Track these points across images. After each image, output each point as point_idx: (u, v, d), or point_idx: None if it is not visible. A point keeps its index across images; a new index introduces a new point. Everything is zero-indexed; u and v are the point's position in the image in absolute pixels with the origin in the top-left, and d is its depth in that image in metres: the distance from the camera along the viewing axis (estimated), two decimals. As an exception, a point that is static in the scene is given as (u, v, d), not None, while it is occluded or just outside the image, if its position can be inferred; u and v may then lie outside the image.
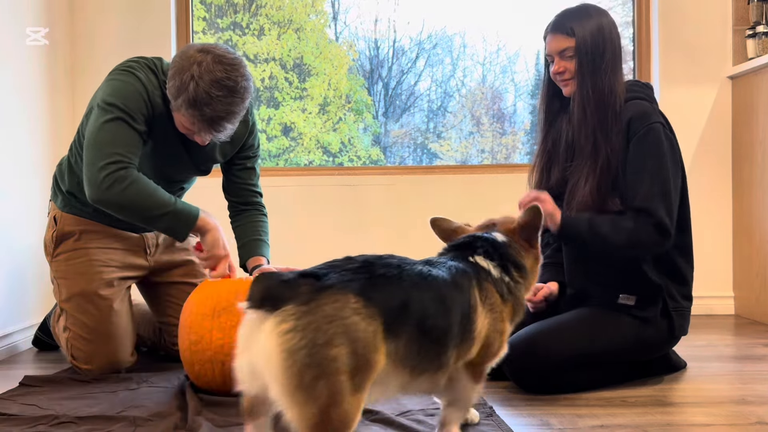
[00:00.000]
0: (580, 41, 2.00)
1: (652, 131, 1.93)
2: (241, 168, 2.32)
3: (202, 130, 1.96)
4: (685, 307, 2.04)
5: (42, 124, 2.90)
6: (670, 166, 1.92)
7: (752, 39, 3.16)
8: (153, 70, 2.06)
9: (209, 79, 1.88)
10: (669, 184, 1.91)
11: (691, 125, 3.32)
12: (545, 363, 1.90)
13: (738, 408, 1.77)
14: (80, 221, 2.22)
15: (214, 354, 1.82)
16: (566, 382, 1.93)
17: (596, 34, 2.00)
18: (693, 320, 3.11)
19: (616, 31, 2.04)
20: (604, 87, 1.98)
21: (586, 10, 2.05)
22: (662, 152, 1.92)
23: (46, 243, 2.27)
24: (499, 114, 3.85)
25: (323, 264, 1.22)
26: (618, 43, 2.03)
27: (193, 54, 1.92)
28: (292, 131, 3.68)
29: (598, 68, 1.99)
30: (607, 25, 2.02)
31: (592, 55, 1.99)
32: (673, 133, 2.01)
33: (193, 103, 1.90)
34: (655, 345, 2.03)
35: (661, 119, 1.97)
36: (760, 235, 3.05)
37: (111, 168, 1.90)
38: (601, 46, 2.00)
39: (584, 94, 2.00)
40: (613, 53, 2.01)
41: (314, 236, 3.23)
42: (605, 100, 1.98)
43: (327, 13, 3.80)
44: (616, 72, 2.00)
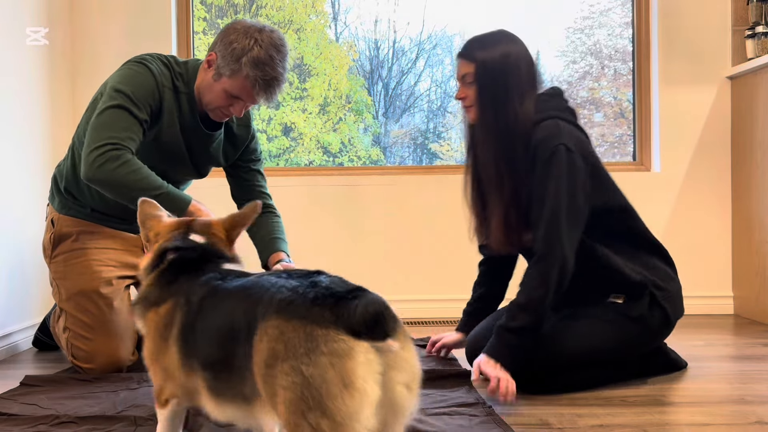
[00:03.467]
0: (480, 67, 1.94)
1: (554, 155, 1.86)
2: (246, 170, 2.34)
3: (260, 92, 2.03)
4: (673, 291, 2.03)
5: (42, 124, 2.90)
6: (568, 189, 1.85)
7: (752, 39, 3.17)
8: (166, 64, 2.11)
9: (269, 43, 2.02)
10: (562, 213, 1.84)
11: (691, 125, 3.32)
12: (543, 366, 1.89)
13: (737, 408, 1.77)
14: (78, 222, 2.22)
15: None
16: (566, 383, 1.92)
17: (499, 61, 1.94)
18: (693, 320, 3.13)
19: (527, 59, 1.97)
20: (507, 115, 1.92)
21: (494, 36, 2.00)
22: (561, 175, 1.85)
23: (45, 245, 2.28)
24: (498, 114, 3.86)
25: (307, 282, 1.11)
26: (527, 70, 1.96)
27: (249, 25, 2.05)
28: (292, 131, 3.68)
29: (498, 96, 1.93)
30: (514, 52, 1.96)
31: (493, 83, 1.93)
32: (585, 149, 1.94)
33: (257, 63, 1.99)
34: (653, 335, 2.03)
35: (565, 140, 1.88)
36: (760, 235, 3.05)
37: (106, 148, 1.92)
38: (504, 73, 1.93)
39: (485, 122, 1.95)
40: (518, 81, 1.94)
41: (314, 236, 3.23)
42: (509, 129, 1.92)
43: (327, 13, 3.81)
44: (523, 98, 1.93)
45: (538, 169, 1.88)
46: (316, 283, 1.06)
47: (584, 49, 3.70)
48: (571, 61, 3.70)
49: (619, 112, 3.68)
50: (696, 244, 3.31)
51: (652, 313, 1.98)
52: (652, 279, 1.99)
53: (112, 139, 1.93)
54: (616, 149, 3.66)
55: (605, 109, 3.71)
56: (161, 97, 2.06)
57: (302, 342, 0.96)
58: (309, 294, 1.02)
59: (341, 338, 0.96)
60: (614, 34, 3.66)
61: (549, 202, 1.85)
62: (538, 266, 1.84)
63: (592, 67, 3.72)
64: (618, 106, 3.69)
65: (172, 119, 2.09)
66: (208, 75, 2.07)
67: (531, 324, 1.81)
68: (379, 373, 0.98)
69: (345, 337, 0.96)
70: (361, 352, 0.96)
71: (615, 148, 3.67)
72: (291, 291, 1.04)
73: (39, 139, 2.86)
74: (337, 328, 0.96)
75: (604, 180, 2.00)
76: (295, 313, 1.00)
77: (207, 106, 2.11)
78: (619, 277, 1.97)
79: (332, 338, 0.96)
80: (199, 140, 2.17)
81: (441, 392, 1.87)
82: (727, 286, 3.31)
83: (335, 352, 0.94)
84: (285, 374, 0.96)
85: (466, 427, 1.58)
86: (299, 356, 0.96)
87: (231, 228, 1.42)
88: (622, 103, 3.68)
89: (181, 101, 2.11)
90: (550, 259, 1.83)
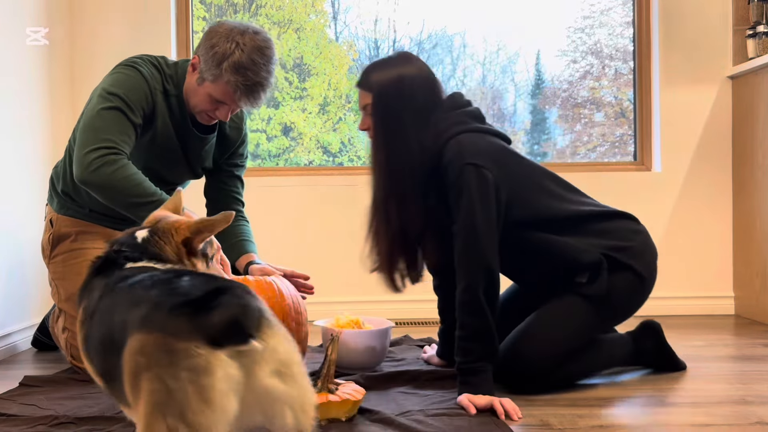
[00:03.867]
0: (376, 97, 1.90)
1: (461, 176, 1.81)
2: (229, 174, 2.32)
3: (242, 97, 2.00)
4: (638, 244, 1.95)
5: (42, 124, 2.90)
6: (481, 205, 1.80)
7: (752, 39, 3.16)
8: (156, 67, 2.08)
9: (252, 46, 1.98)
10: (479, 231, 1.79)
11: (692, 125, 3.32)
12: (532, 368, 1.87)
13: (738, 408, 1.76)
14: (76, 222, 2.22)
15: None
16: (561, 378, 1.92)
17: (393, 88, 1.89)
18: (693, 320, 3.13)
19: (424, 80, 1.92)
20: (402, 151, 1.88)
21: (389, 61, 1.95)
22: (472, 193, 1.80)
23: (44, 246, 2.27)
24: (499, 114, 3.85)
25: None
26: (425, 92, 1.91)
27: (231, 27, 2.01)
28: (292, 131, 3.68)
29: (394, 131, 1.88)
30: (408, 75, 1.90)
31: (387, 116, 1.89)
32: (494, 153, 1.88)
33: (237, 68, 1.96)
34: (628, 300, 1.97)
35: (468, 158, 1.82)
36: (760, 235, 3.04)
37: (102, 152, 1.90)
38: (399, 102, 1.88)
39: (378, 160, 1.90)
40: (413, 109, 1.88)
41: (314, 236, 3.23)
42: (404, 164, 1.87)
43: (327, 13, 3.80)
44: (421, 126, 1.88)
45: (450, 191, 1.84)
46: (174, 290, 1.06)
47: (585, 49, 3.70)
48: (572, 60, 3.70)
49: (620, 111, 3.68)
50: (696, 244, 3.30)
51: (618, 280, 1.90)
52: (608, 243, 1.91)
53: (108, 142, 1.91)
54: (617, 149, 3.66)
55: (606, 109, 3.70)
56: (153, 100, 2.04)
57: (163, 355, 0.97)
58: (167, 304, 1.02)
59: (200, 352, 0.96)
60: (615, 33, 3.65)
61: (463, 223, 1.80)
62: (466, 294, 1.78)
63: (592, 66, 3.71)
64: (619, 106, 3.69)
65: (165, 122, 2.08)
66: (193, 78, 2.06)
67: (486, 349, 1.78)
68: (239, 383, 0.98)
69: (204, 350, 0.96)
70: (220, 366, 0.96)
71: (615, 148, 3.66)
72: (151, 302, 1.05)
73: (39, 139, 2.86)
74: (197, 340, 0.97)
75: (524, 176, 1.93)
76: (155, 327, 1.00)
77: (193, 109, 2.10)
78: (571, 255, 1.91)
79: (191, 353, 0.96)
80: (193, 142, 2.17)
81: (441, 392, 1.87)
82: (727, 286, 3.30)
83: (194, 368, 0.95)
84: (149, 381, 0.98)
85: (466, 428, 1.58)
86: (162, 367, 0.97)
87: (196, 233, 1.38)
88: (622, 103, 3.68)
89: (172, 104, 2.10)
90: (475, 278, 1.78)
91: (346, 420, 1.62)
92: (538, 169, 2.00)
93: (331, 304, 2.84)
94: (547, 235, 1.92)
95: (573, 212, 1.95)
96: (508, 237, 1.87)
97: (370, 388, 1.86)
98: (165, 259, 1.33)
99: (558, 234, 1.92)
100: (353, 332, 2.06)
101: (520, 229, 1.91)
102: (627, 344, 2.10)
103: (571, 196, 1.99)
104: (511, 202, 1.88)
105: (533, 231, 1.92)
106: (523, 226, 1.91)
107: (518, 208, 1.89)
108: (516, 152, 2.00)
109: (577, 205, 1.98)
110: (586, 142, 3.73)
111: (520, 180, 1.92)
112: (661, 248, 3.28)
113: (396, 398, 1.83)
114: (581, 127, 3.74)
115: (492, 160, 1.86)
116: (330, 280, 2.93)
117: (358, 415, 1.65)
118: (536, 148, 3.78)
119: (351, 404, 1.62)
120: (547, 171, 2.02)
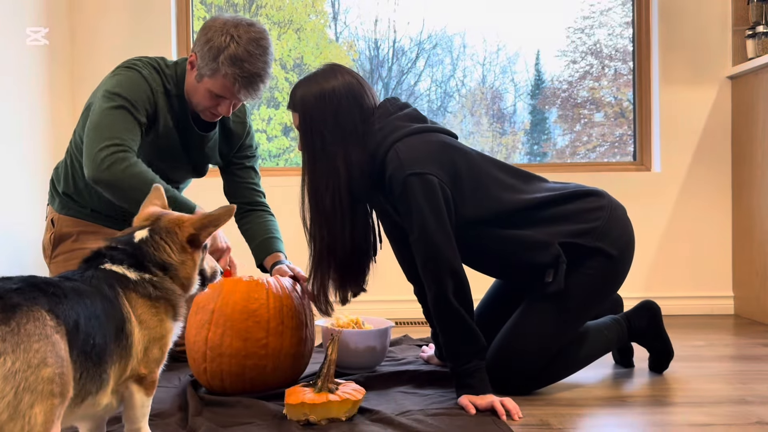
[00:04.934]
0: (300, 115, 1.85)
1: (405, 188, 1.76)
2: (240, 167, 2.33)
3: (241, 89, 2.01)
4: (602, 221, 1.87)
5: (42, 124, 2.90)
6: (431, 212, 1.75)
7: (752, 39, 3.17)
8: (156, 68, 2.09)
9: (247, 38, 1.99)
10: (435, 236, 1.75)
11: (691, 125, 3.32)
12: (518, 375, 1.87)
13: (738, 408, 1.77)
14: (78, 222, 2.22)
15: (190, 350, 1.85)
16: (556, 371, 1.92)
17: (313, 104, 1.83)
18: (693, 320, 3.14)
19: (350, 92, 1.84)
20: (333, 162, 1.82)
21: (311, 77, 1.88)
22: (420, 203, 1.75)
23: (45, 245, 2.27)
24: (498, 114, 3.86)
25: None
26: (351, 105, 1.83)
27: (225, 21, 2.02)
28: (292, 131, 3.68)
29: (317, 143, 1.83)
30: (329, 89, 1.83)
31: (310, 130, 1.83)
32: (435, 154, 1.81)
33: (234, 60, 1.97)
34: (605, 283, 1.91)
35: (408, 168, 1.76)
36: (760, 235, 3.05)
37: (112, 149, 1.90)
38: (320, 115, 1.82)
39: (309, 175, 1.86)
40: (337, 121, 1.81)
41: (314, 236, 3.23)
42: (331, 179, 1.82)
43: (327, 13, 3.81)
44: (354, 137, 1.82)
45: (399, 204, 1.81)
46: None
47: (585, 49, 3.70)
48: (572, 60, 3.70)
49: (620, 111, 3.68)
50: (696, 244, 3.30)
51: (588, 266, 1.85)
52: (569, 228, 1.84)
53: (117, 140, 1.92)
54: (617, 149, 3.66)
55: (605, 109, 3.71)
56: (155, 101, 2.05)
57: None
58: None
59: None
60: (615, 33, 3.66)
61: (418, 235, 1.76)
62: (437, 301, 1.76)
63: (592, 66, 3.72)
64: (618, 106, 3.69)
65: (167, 122, 2.09)
66: (192, 76, 2.07)
67: (473, 348, 1.76)
68: None
69: None
70: None
71: (615, 148, 3.67)
72: None
73: (39, 139, 2.86)
74: None
75: (471, 170, 1.85)
76: None
77: (196, 107, 2.11)
78: (528, 255, 1.85)
79: None
80: (195, 141, 2.17)
81: (441, 392, 1.87)
82: (727, 286, 3.31)
83: None
84: None
85: (466, 428, 1.58)
86: None
87: (201, 228, 1.38)
88: (622, 103, 3.68)
89: (173, 104, 2.11)
90: (442, 284, 1.75)
91: (346, 420, 1.62)
92: (486, 159, 1.91)
93: (331, 304, 2.84)
94: (503, 231, 1.85)
95: (527, 202, 1.86)
96: (464, 236, 1.82)
97: (370, 388, 1.87)
98: (158, 261, 1.34)
99: (516, 227, 1.85)
100: (353, 332, 2.07)
101: (477, 227, 1.85)
102: (619, 324, 2.08)
103: (523, 185, 1.90)
104: (461, 200, 1.82)
105: (489, 228, 1.85)
106: (479, 223, 1.84)
107: (471, 206, 1.83)
108: (460, 146, 1.89)
109: (530, 193, 1.88)
110: (585, 142, 3.74)
111: (467, 175, 1.84)
112: (661, 248, 3.31)
113: (396, 398, 1.83)
114: (581, 127, 3.74)
115: (433, 162, 1.79)
116: (330, 280, 2.93)
117: (358, 414, 1.65)
118: (536, 148, 3.78)
119: (351, 404, 1.63)
120: (495, 160, 1.93)
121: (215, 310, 1.80)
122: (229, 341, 1.78)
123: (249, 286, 1.84)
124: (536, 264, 1.85)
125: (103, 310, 1.20)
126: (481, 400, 1.71)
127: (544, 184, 1.95)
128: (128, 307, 1.27)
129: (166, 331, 1.35)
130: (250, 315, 1.80)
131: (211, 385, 1.83)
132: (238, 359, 1.79)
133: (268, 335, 1.81)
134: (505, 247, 1.88)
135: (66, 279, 1.21)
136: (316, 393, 1.62)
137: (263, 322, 1.80)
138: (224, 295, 1.82)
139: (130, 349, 1.26)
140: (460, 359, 1.77)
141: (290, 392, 1.64)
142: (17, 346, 0.99)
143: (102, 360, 1.18)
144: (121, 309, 1.25)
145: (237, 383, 1.80)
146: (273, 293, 1.85)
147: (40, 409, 0.99)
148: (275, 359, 1.82)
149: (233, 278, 1.88)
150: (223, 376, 1.80)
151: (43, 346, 1.02)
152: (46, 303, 1.07)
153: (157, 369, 1.35)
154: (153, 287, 1.32)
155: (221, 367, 1.79)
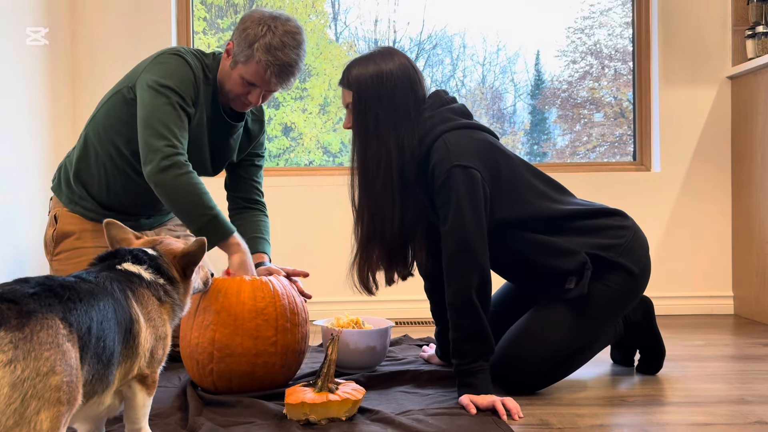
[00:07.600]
0: (356, 94, 1.85)
1: (449, 179, 1.78)
2: (250, 164, 2.38)
3: (272, 77, 2.05)
4: (627, 239, 1.91)
5: (42, 122, 2.90)
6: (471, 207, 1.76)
7: (752, 39, 3.17)
8: (197, 57, 2.15)
9: (283, 30, 2.05)
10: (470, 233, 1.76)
11: (691, 125, 3.32)
12: (523, 378, 1.88)
13: (737, 407, 1.77)
14: (81, 220, 2.22)
15: (191, 352, 1.85)
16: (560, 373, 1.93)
17: (370, 84, 1.83)
18: (693, 320, 3.14)
19: (404, 76, 1.85)
20: (385, 142, 1.83)
21: (368, 57, 1.89)
22: (460, 196, 1.76)
23: (47, 242, 2.27)
24: (499, 114, 3.86)
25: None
26: (405, 90, 1.85)
27: (263, 13, 2.09)
28: (292, 131, 3.68)
29: (371, 123, 1.83)
30: (387, 71, 1.84)
31: (365, 109, 1.84)
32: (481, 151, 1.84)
33: (268, 48, 2.02)
34: (622, 298, 1.93)
35: (455, 159, 1.78)
36: (760, 235, 3.05)
37: (169, 151, 1.94)
38: (376, 96, 1.83)
39: (361, 155, 1.86)
40: (392, 103, 1.83)
41: (314, 236, 3.23)
42: (383, 159, 1.83)
43: (327, 13, 3.81)
44: (402, 129, 1.83)
45: (438, 193, 1.81)
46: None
47: (584, 49, 3.70)
48: (571, 60, 3.70)
49: (619, 112, 3.68)
50: (696, 244, 3.31)
51: (609, 279, 1.88)
52: (595, 241, 1.88)
53: (174, 142, 1.96)
54: (616, 149, 3.66)
55: (605, 109, 3.71)
56: (198, 89, 2.10)
57: None
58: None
59: None
60: (614, 33, 3.66)
61: (453, 224, 1.76)
62: (458, 297, 1.76)
63: (592, 67, 3.72)
64: (618, 106, 3.69)
65: (202, 112, 2.13)
66: (227, 63, 2.13)
67: (482, 348, 1.77)
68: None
69: None
70: None
71: (615, 148, 3.67)
72: None
73: (39, 139, 2.86)
74: None
75: (511, 173, 1.88)
76: None
77: (228, 95, 2.15)
78: (555, 261, 1.87)
79: None
80: (222, 132, 2.21)
81: (441, 391, 1.87)
82: (727, 286, 3.31)
83: None
84: None
85: (466, 427, 1.58)
86: None
87: (185, 266, 1.47)
88: (622, 103, 3.68)
89: (209, 93, 2.16)
90: (468, 279, 1.75)
91: (346, 419, 1.62)
92: (524, 165, 1.94)
93: (331, 304, 2.84)
94: (531, 234, 1.89)
95: (558, 211, 1.91)
96: (494, 236, 1.84)
97: (370, 388, 1.87)
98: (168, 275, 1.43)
99: (545, 233, 1.89)
100: (353, 332, 2.07)
101: (506, 229, 1.88)
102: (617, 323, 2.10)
103: (555, 194, 1.95)
104: (496, 200, 1.85)
105: (520, 231, 1.89)
106: (509, 225, 1.88)
107: (505, 207, 1.86)
108: (503, 148, 1.93)
109: (563, 203, 1.93)
110: (585, 142, 3.74)
111: (506, 177, 1.87)
112: (661, 248, 3.31)
113: (396, 397, 1.83)
114: (581, 127, 3.74)
115: (479, 158, 1.82)
116: (330, 280, 2.93)
117: (358, 414, 1.66)
118: (536, 148, 3.79)
119: (351, 404, 1.63)
120: (532, 167, 1.96)
121: (220, 310, 1.80)
122: (239, 340, 1.79)
123: (254, 286, 1.85)
124: (559, 270, 1.88)
125: (114, 312, 1.23)
126: (482, 400, 1.71)
127: (573, 198, 1.99)
128: (137, 309, 1.31)
129: (168, 332, 1.41)
130: (258, 313, 1.81)
131: (217, 386, 1.83)
132: (248, 358, 1.79)
133: (277, 333, 1.82)
134: (529, 251, 1.90)
135: (82, 280, 1.23)
136: (316, 393, 1.63)
137: (271, 320, 1.82)
138: (229, 296, 1.82)
139: (137, 349, 1.29)
140: (466, 357, 1.77)
141: (290, 392, 1.64)
142: (28, 354, 1.01)
143: (110, 362, 1.21)
144: (129, 311, 1.28)
145: (245, 382, 1.81)
146: (278, 292, 1.86)
147: (46, 416, 1.01)
148: (284, 356, 1.84)
149: (235, 278, 1.88)
150: (231, 376, 1.81)
151: (53, 355, 1.03)
152: (60, 310, 1.09)
153: (158, 369, 1.39)
154: (164, 291, 1.40)
155: (230, 366, 1.80)
